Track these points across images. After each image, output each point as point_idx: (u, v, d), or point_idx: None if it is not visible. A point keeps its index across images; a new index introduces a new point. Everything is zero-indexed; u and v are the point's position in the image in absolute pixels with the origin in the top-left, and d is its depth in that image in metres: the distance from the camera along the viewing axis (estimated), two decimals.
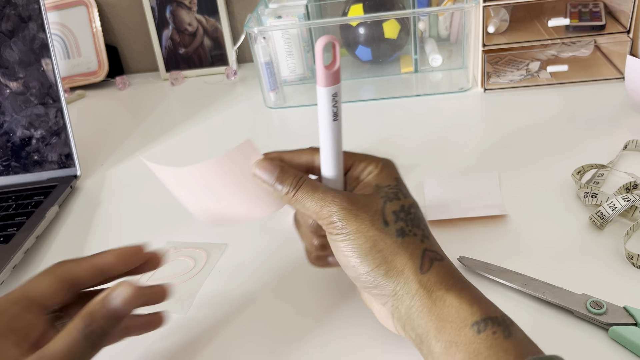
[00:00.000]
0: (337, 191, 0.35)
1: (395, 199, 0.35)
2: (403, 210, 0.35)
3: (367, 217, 0.34)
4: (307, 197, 0.35)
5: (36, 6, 0.68)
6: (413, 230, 0.34)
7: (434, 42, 0.86)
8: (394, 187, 0.36)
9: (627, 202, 0.47)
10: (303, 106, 0.82)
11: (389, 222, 0.34)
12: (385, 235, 0.33)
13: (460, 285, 0.33)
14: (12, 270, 0.54)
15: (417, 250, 0.34)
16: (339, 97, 0.34)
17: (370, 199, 0.35)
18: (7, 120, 0.70)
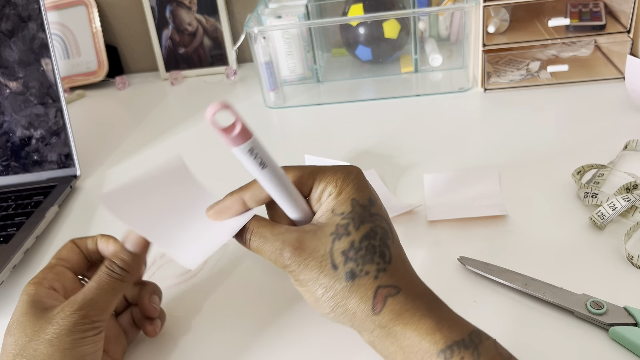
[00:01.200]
0: (284, 238, 0.35)
1: (344, 234, 0.34)
2: (353, 247, 0.33)
3: (316, 264, 0.34)
4: (261, 249, 0.36)
5: (36, 6, 0.68)
6: (365, 268, 0.33)
7: (434, 42, 0.86)
8: (347, 216, 0.34)
9: (628, 202, 0.47)
10: (303, 106, 0.82)
11: (337, 265, 0.33)
12: (335, 280, 0.33)
13: (419, 315, 0.32)
14: (12, 270, 0.54)
15: (369, 290, 0.33)
16: (257, 148, 0.33)
17: (318, 240, 0.34)
18: (6, 120, 0.70)
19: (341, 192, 0.35)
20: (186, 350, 0.43)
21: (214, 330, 0.45)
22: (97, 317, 0.36)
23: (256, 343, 0.43)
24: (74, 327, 0.35)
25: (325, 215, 0.35)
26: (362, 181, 0.37)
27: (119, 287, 0.38)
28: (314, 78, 0.88)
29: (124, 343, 0.42)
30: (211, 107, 0.29)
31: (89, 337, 0.36)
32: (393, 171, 0.62)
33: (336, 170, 0.37)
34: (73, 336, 0.35)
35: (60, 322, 0.35)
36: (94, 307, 0.37)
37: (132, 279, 0.39)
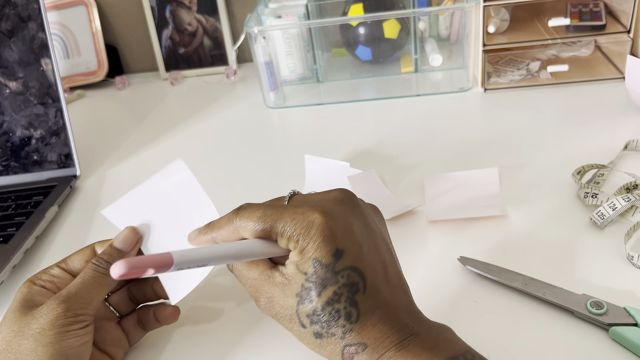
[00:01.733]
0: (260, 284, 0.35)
1: (307, 300, 0.33)
2: (315, 313, 0.32)
3: (285, 319, 0.34)
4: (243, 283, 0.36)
5: (36, 6, 0.68)
6: (330, 330, 0.32)
7: (434, 41, 0.86)
8: (310, 279, 0.32)
9: (628, 202, 0.47)
10: (303, 106, 0.82)
11: (305, 325, 0.33)
12: (305, 336, 0.33)
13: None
14: (12, 270, 0.54)
15: (335, 349, 0.32)
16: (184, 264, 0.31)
17: (286, 299, 0.34)
18: (6, 120, 0.70)
19: (303, 249, 0.33)
20: (186, 350, 0.43)
21: (215, 330, 0.45)
22: (80, 311, 0.36)
23: (257, 343, 0.43)
24: (57, 321, 0.35)
25: (291, 269, 0.34)
26: (326, 232, 0.33)
27: (104, 281, 0.39)
28: (314, 78, 0.88)
29: (126, 346, 0.42)
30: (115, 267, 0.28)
31: (73, 330, 0.36)
32: (393, 171, 0.62)
33: (296, 221, 0.33)
34: (56, 330, 0.35)
35: (44, 317, 0.36)
36: (78, 300, 0.37)
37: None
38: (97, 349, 0.40)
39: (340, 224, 0.33)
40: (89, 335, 0.37)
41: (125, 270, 0.27)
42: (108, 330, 0.41)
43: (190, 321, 0.46)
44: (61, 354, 0.35)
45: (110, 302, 0.43)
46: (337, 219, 0.33)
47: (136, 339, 0.43)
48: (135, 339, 0.43)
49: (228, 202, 0.61)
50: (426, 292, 0.45)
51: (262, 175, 0.65)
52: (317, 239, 0.32)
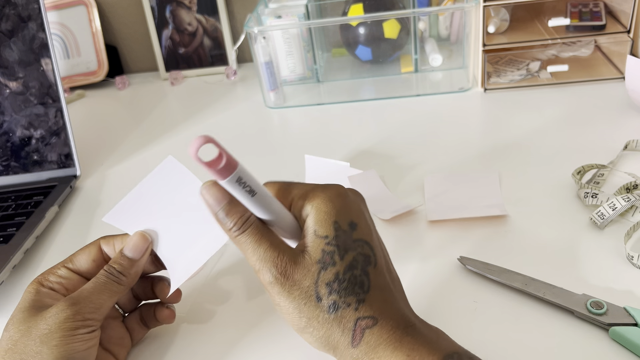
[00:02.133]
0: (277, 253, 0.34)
1: (330, 264, 0.33)
2: (337, 279, 0.33)
3: (300, 294, 0.33)
4: (249, 248, 0.34)
5: (36, 6, 0.68)
6: (347, 299, 0.33)
7: (434, 41, 0.86)
8: (332, 242, 0.34)
9: (628, 202, 0.47)
10: (303, 106, 0.82)
11: (321, 297, 0.33)
12: (319, 311, 0.33)
13: (392, 348, 0.32)
14: (12, 270, 0.54)
15: (349, 322, 0.33)
16: (244, 177, 0.32)
17: (305, 269, 0.34)
18: (6, 120, 0.70)
19: (321, 213, 0.35)
20: (187, 350, 0.43)
21: (215, 330, 0.45)
22: (89, 315, 0.36)
23: (257, 342, 0.43)
24: (65, 323, 0.35)
25: (309, 237, 0.35)
26: (345, 202, 0.35)
27: (116, 289, 0.39)
28: (314, 78, 0.88)
29: (128, 344, 0.42)
30: (194, 142, 0.29)
31: (79, 334, 0.36)
32: (393, 171, 0.62)
33: (318, 190, 0.36)
34: (63, 332, 0.35)
35: (52, 318, 0.36)
36: (88, 304, 0.37)
37: (129, 282, 0.40)
38: (101, 347, 0.40)
39: (353, 204, 0.36)
40: (95, 340, 0.37)
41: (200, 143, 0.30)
42: (113, 328, 0.42)
43: (191, 320, 0.46)
44: (66, 357, 0.35)
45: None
46: (350, 199, 0.36)
47: (139, 337, 0.43)
48: (139, 336, 0.43)
49: None
50: (426, 292, 0.45)
51: (262, 176, 0.65)
52: (337, 204, 0.35)
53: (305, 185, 0.37)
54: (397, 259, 0.49)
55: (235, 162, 0.32)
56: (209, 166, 0.31)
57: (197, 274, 0.42)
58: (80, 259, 0.41)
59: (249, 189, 0.33)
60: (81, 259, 0.41)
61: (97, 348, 0.38)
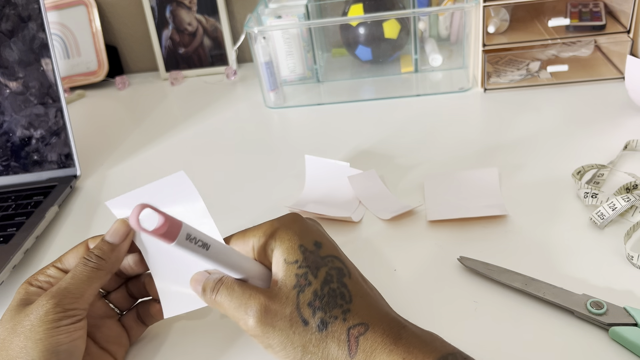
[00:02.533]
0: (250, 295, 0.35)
1: (306, 285, 0.34)
2: (317, 297, 0.34)
3: (286, 323, 0.33)
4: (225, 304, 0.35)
5: (36, 6, 0.68)
6: (332, 313, 0.33)
7: (434, 42, 0.86)
8: (303, 264, 0.35)
9: (627, 202, 0.47)
10: (303, 106, 0.82)
11: (307, 320, 0.33)
12: (309, 335, 0.33)
13: (388, 351, 0.32)
14: (12, 270, 0.54)
15: (342, 334, 0.33)
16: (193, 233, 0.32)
17: (283, 297, 0.34)
18: (6, 120, 0.70)
19: (285, 241, 0.36)
20: (186, 350, 0.43)
21: (214, 330, 0.45)
22: (70, 305, 0.36)
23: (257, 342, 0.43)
24: (46, 317, 0.35)
25: (280, 268, 0.35)
26: (303, 226, 0.37)
27: (95, 275, 0.38)
28: (314, 78, 0.88)
29: (126, 343, 0.42)
30: (133, 211, 0.29)
31: (63, 326, 0.36)
32: (393, 171, 0.62)
33: (275, 223, 0.37)
34: (45, 326, 0.35)
35: (34, 313, 0.36)
36: (67, 295, 0.37)
37: (109, 268, 0.39)
38: (98, 347, 0.40)
39: (311, 226, 0.38)
40: (81, 332, 0.37)
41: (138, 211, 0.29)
42: (109, 327, 0.42)
43: (190, 318, 0.46)
44: (51, 350, 0.35)
45: (110, 299, 0.43)
46: (307, 222, 0.38)
47: (137, 335, 0.43)
48: (137, 334, 0.43)
49: (228, 202, 0.61)
50: (426, 292, 0.45)
51: (262, 176, 0.66)
52: (297, 229, 0.36)
53: (260, 225, 0.38)
54: (397, 259, 0.49)
55: (179, 222, 0.31)
56: (154, 233, 0.30)
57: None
58: (68, 257, 0.41)
59: (202, 243, 0.32)
60: (69, 257, 0.41)
61: (85, 342, 0.37)
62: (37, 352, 0.35)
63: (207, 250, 0.33)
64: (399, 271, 0.47)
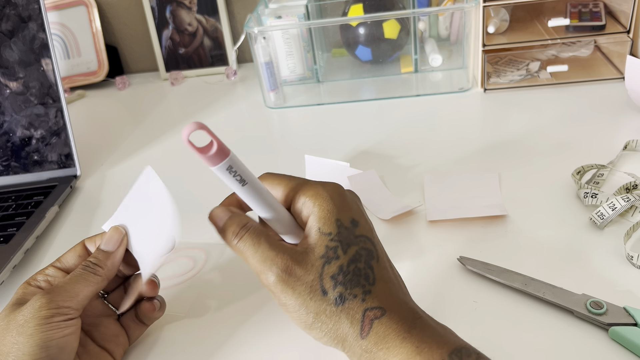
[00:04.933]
0: (276, 253, 0.34)
1: (334, 258, 0.34)
2: (341, 271, 0.34)
3: (305, 289, 0.34)
4: (248, 252, 0.35)
5: (36, 6, 0.68)
6: (353, 291, 0.34)
7: (434, 42, 0.86)
8: (335, 238, 0.35)
9: (627, 202, 0.47)
10: (303, 106, 0.82)
11: (327, 290, 0.34)
12: (325, 305, 0.33)
13: (401, 338, 0.32)
14: (12, 270, 0.54)
15: (357, 314, 0.33)
16: (235, 166, 0.33)
17: (309, 264, 0.34)
18: (7, 120, 0.70)
19: (324, 211, 0.35)
20: (187, 350, 0.43)
21: (214, 330, 0.45)
22: (63, 303, 0.37)
23: (257, 342, 0.43)
24: (39, 312, 0.36)
25: (312, 235, 0.35)
26: (345, 200, 0.36)
27: (92, 279, 0.39)
28: (314, 78, 0.88)
29: (125, 343, 0.42)
30: (186, 127, 0.30)
31: (55, 322, 0.36)
32: (393, 171, 0.62)
33: (319, 187, 0.36)
34: (37, 321, 0.35)
35: (27, 309, 0.36)
36: (62, 293, 0.37)
37: (105, 273, 0.40)
38: (96, 345, 0.41)
39: (353, 202, 0.37)
40: (72, 329, 0.37)
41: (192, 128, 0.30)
42: (106, 325, 0.42)
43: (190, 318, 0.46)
44: (41, 345, 0.35)
45: (109, 300, 0.43)
46: (349, 197, 0.37)
47: (137, 334, 0.43)
48: (136, 334, 0.43)
49: None
50: (426, 292, 0.45)
51: None
52: (338, 203, 0.36)
53: (303, 180, 0.37)
54: (397, 259, 0.49)
55: (227, 151, 0.32)
56: (200, 152, 0.31)
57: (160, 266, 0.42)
58: (67, 257, 0.42)
59: (240, 179, 0.34)
60: (68, 256, 0.42)
61: (77, 339, 0.38)
62: (28, 347, 0.35)
63: (242, 186, 0.34)
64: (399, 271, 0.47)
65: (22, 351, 0.35)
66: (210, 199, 0.63)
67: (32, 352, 0.35)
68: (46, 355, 0.35)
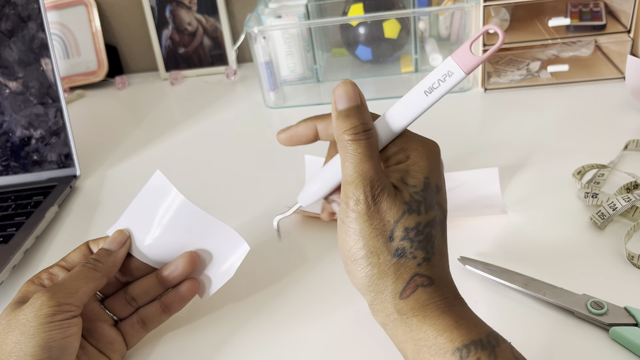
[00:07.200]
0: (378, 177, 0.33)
1: (415, 212, 0.33)
2: (417, 228, 0.33)
3: (378, 225, 0.33)
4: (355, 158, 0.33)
5: (36, 6, 0.68)
6: (415, 252, 0.33)
7: (434, 41, 0.86)
8: (420, 194, 0.33)
9: (628, 202, 0.47)
10: (303, 106, 0.82)
11: (394, 238, 0.32)
12: (384, 250, 0.33)
13: (440, 311, 0.32)
14: (12, 270, 0.54)
15: (406, 274, 0.32)
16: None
17: (394, 202, 0.33)
18: (6, 120, 0.70)
19: (415, 163, 0.34)
20: (187, 350, 0.43)
21: (215, 330, 0.45)
22: (64, 300, 0.37)
23: (257, 343, 0.43)
24: (40, 310, 0.36)
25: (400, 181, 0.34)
26: (437, 163, 0.35)
27: (92, 275, 0.39)
28: (314, 78, 0.88)
29: (121, 349, 0.42)
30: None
31: (57, 321, 0.36)
32: None
33: (417, 139, 0.35)
34: (40, 320, 0.35)
35: (29, 308, 0.36)
36: (62, 289, 0.37)
37: (106, 270, 0.40)
38: (96, 350, 0.40)
39: (442, 169, 0.36)
40: (74, 329, 0.37)
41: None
42: (101, 332, 0.41)
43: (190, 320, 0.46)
44: (43, 346, 0.35)
45: (106, 305, 0.43)
46: (441, 163, 0.36)
47: (135, 340, 0.43)
48: (134, 340, 0.43)
49: (227, 201, 0.61)
50: None
51: (262, 176, 0.65)
52: (432, 162, 0.35)
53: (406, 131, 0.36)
54: None
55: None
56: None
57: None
58: (72, 255, 0.43)
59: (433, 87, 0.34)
60: (73, 255, 0.43)
61: (78, 340, 0.37)
62: (30, 348, 0.35)
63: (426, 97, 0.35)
64: None
65: (24, 351, 0.35)
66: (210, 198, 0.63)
67: (34, 352, 0.35)
68: (48, 356, 0.35)
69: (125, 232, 0.43)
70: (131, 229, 0.43)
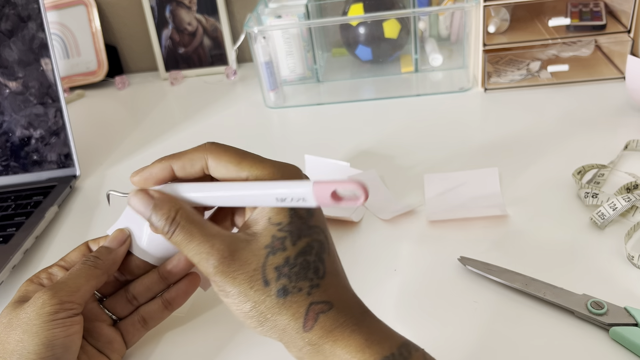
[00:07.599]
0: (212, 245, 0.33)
1: (280, 249, 0.32)
2: (287, 263, 0.32)
3: (246, 278, 0.32)
4: (184, 245, 0.34)
5: (35, 6, 0.68)
6: (298, 284, 0.32)
7: (435, 41, 0.86)
8: (285, 229, 0.33)
9: (628, 202, 0.47)
10: (303, 106, 0.82)
11: (269, 281, 0.32)
12: (265, 296, 0.32)
13: (349, 331, 0.31)
14: (12, 270, 0.54)
15: (301, 307, 0.32)
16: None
17: (251, 252, 0.33)
18: (6, 120, 0.70)
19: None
20: (187, 350, 0.43)
21: (215, 330, 0.45)
22: (66, 298, 0.37)
23: (258, 343, 0.43)
24: (42, 309, 0.36)
25: (261, 223, 0.33)
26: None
27: (92, 272, 0.39)
28: (314, 78, 0.88)
29: (121, 349, 0.42)
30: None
31: (59, 319, 0.36)
32: (393, 171, 0.61)
33: (274, 169, 0.35)
34: (42, 319, 0.35)
35: (31, 307, 0.36)
36: (63, 287, 0.37)
37: (106, 267, 0.40)
38: (96, 350, 0.40)
39: None
40: (76, 327, 0.37)
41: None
42: (100, 332, 0.41)
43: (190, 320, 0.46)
44: (46, 344, 0.35)
45: (106, 305, 0.43)
46: None
47: (135, 339, 0.43)
48: (134, 339, 0.43)
49: None
50: (426, 292, 0.45)
51: None
52: None
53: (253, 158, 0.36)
54: (397, 259, 0.49)
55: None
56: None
57: None
58: (71, 256, 0.43)
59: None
60: (72, 255, 0.43)
61: (80, 338, 0.37)
62: (33, 346, 0.35)
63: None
64: (399, 271, 0.47)
65: (27, 349, 0.35)
66: None
67: (37, 350, 0.35)
68: (51, 355, 0.35)
69: (125, 231, 0.43)
70: (131, 228, 0.43)
